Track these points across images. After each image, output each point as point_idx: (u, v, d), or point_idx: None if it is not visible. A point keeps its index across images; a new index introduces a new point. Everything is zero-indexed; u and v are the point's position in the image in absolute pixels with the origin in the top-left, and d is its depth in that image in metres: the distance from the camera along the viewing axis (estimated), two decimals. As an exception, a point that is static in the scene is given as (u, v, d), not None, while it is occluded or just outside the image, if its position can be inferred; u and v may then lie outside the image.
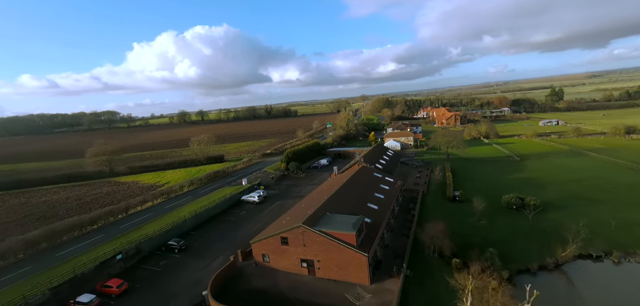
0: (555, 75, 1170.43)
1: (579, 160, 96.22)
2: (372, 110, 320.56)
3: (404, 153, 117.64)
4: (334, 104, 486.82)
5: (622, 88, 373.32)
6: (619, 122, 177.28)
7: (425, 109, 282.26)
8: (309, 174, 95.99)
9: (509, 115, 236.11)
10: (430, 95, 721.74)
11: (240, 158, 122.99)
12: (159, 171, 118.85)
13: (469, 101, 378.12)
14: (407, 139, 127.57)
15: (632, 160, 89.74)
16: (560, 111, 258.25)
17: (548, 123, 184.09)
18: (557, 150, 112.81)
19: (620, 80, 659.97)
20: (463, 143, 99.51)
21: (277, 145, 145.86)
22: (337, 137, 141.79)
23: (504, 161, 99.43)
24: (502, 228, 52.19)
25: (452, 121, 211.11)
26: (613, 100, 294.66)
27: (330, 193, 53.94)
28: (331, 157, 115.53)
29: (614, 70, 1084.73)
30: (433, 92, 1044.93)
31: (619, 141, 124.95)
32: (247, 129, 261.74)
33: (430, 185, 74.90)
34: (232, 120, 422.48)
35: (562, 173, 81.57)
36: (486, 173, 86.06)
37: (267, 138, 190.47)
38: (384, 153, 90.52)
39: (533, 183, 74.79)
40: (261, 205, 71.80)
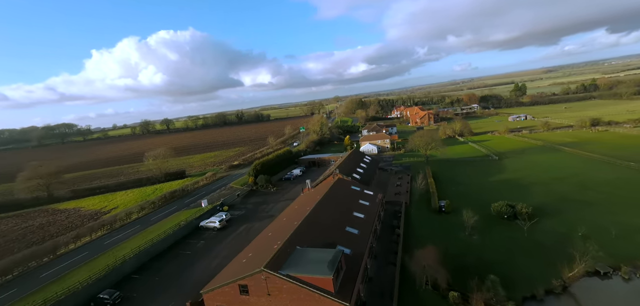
0: (515, 71, 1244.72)
1: (554, 156, 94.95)
2: (346, 112, 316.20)
3: (381, 157, 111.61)
4: (308, 106, 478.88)
5: (577, 82, 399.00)
6: (582, 114, 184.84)
7: (399, 109, 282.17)
8: (281, 187, 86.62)
9: (480, 112, 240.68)
10: (401, 94, 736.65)
11: (205, 173, 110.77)
12: (109, 193, 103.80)
13: (439, 99, 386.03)
14: (383, 142, 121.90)
15: (605, 153, 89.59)
16: (525, 105, 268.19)
17: (517, 119, 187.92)
18: (532, 146, 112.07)
19: (573, 74, 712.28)
20: (441, 143, 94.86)
21: (247, 155, 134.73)
22: (311, 143, 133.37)
23: (483, 161, 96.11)
24: (497, 244, 46.21)
25: (426, 120, 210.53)
26: (571, 93, 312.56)
27: (302, 217, 45.25)
28: (305, 165, 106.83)
29: (566, 65, 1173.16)
30: (404, 91, 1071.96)
31: (587, 134, 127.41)
32: (215, 137, 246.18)
33: (413, 193, 68.54)
34: (200, 128, 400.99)
35: (543, 172, 78.76)
36: (468, 176, 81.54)
37: (236, 146, 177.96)
38: (361, 160, 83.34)
39: (517, 185, 70.88)
40: (223, 231, 61.50)
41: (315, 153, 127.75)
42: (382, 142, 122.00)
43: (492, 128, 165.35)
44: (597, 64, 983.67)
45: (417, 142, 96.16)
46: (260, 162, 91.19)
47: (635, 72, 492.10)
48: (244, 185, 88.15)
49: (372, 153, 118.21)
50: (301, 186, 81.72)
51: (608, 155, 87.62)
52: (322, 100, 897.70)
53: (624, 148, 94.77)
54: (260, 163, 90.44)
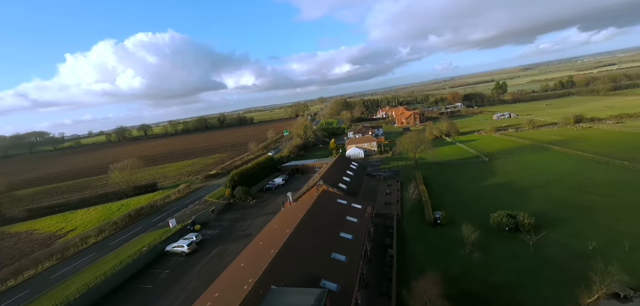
0: (494, 70, 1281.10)
1: (544, 155, 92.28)
2: (330, 113, 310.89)
3: (368, 161, 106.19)
4: (293, 108, 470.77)
5: (554, 79, 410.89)
6: (564, 111, 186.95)
7: (384, 109, 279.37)
8: (261, 199, 79.36)
9: (464, 110, 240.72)
10: (386, 94, 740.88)
11: (179, 184, 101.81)
12: (69, 211, 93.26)
13: (423, 98, 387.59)
14: (370, 145, 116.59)
15: (595, 152, 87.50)
16: (508, 103, 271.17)
17: (501, 117, 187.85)
18: (520, 146, 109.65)
19: (549, 71, 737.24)
20: (430, 145, 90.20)
21: (226, 162, 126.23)
22: (294, 148, 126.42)
23: (474, 163, 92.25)
24: (502, 263, 41.05)
25: (412, 120, 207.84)
26: (550, 90, 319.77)
27: (280, 243, 38.59)
28: (288, 173, 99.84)
29: (541, 63, 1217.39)
30: (388, 90, 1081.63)
31: (572, 131, 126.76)
32: (195, 143, 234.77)
33: (405, 203, 63.00)
34: (180, 133, 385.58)
35: (536, 174, 75.26)
36: (460, 180, 77.03)
37: (217, 153, 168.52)
38: (347, 167, 77.32)
39: (512, 190, 66.76)
40: (193, 255, 53.80)
41: (299, 158, 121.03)
42: (369, 145, 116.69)
43: (478, 127, 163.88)
44: (571, 61, 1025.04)
45: (405, 145, 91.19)
46: (238, 171, 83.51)
47: (607, 69, 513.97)
48: (220, 198, 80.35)
49: (358, 157, 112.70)
50: (283, 198, 75.02)
51: (598, 153, 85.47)
52: (307, 102, 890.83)
53: (613, 146, 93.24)
54: (238, 173, 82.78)
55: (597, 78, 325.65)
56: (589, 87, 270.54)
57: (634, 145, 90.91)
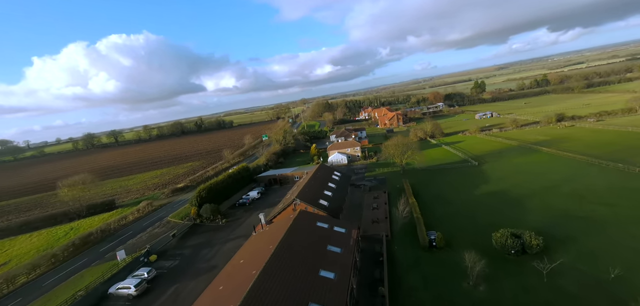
0: (471, 69, 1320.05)
1: (535, 158, 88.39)
2: (312, 115, 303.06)
3: (352, 168, 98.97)
4: (274, 110, 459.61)
5: (529, 78, 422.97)
6: (544, 109, 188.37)
7: (366, 110, 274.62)
8: (233, 217, 70.00)
9: (446, 110, 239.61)
10: (368, 94, 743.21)
11: (141, 200, 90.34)
12: (7, 238, 79.84)
13: (404, 98, 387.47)
14: (353, 150, 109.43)
15: (585, 153, 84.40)
16: (487, 102, 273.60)
17: (484, 117, 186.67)
18: (507, 147, 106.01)
19: (522, 70, 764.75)
20: (417, 151, 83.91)
21: (198, 173, 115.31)
22: (272, 155, 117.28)
23: (463, 168, 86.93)
24: (513, 299, 34.29)
25: (395, 121, 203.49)
26: (526, 88, 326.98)
27: (246, 288, 30.06)
28: (265, 184, 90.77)
29: (514, 62, 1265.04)
30: (369, 91, 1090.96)
31: (555, 130, 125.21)
32: (168, 150, 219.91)
33: (394, 221, 55.71)
34: (154, 139, 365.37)
35: (530, 180, 70.45)
36: (451, 188, 71.02)
37: (190, 161, 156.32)
38: (329, 178, 69.47)
39: (508, 199, 61.24)
40: (142, 299, 43.98)
41: (278, 166, 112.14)
42: (352, 150, 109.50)
43: (462, 127, 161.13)
44: (542, 60, 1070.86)
45: (391, 151, 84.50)
46: (206, 186, 73.58)
47: (577, 67, 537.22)
48: (184, 217, 70.30)
49: (341, 164, 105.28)
50: (257, 214, 66.31)
51: (589, 154, 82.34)
52: (289, 103, 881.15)
53: (601, 146, 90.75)
54: (206, 188, 72.91)
55: (570, 77, 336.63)
56: (564, 85, 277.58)
57: (621, 145, 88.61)
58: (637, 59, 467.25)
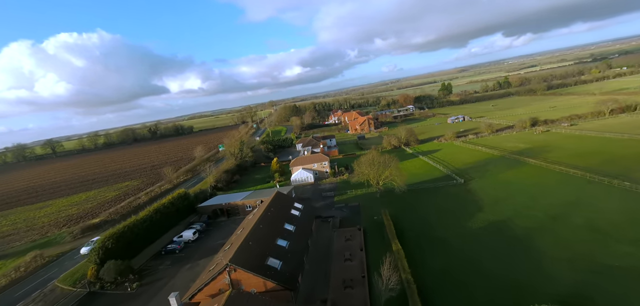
0: (435, 71, 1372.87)
1: (524, 172, 77.96)
2: (279, 120, 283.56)
3: (319, 188, 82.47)
4: (240, 114, 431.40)
5: (491, 79, 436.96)
6: (512, 112, 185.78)
7: (336, 114, 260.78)
8: (153, 276, 49.97)
9: (417, 114, 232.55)
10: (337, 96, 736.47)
11: (34, 246, 66.40)
12: None
13: (374, 100, 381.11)
14: (321, 166, 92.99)
15: (576, 166, 75.39)
16: (456, 104, 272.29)
17: (456, 120, 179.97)
18: (489, 158, 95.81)
19: (482, 73, 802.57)
20: (397, 170, 68.98)
21: (124, 201, 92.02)
22: (225, 173, 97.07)
23: (449, 187, 74.00)
24: None
25: (366, 126, 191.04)
26: (490, 90, 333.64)
27: None
28: (208, 216, 71.02)
29: (474, 65, 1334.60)
30: (339, 92, 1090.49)
31: (533, 136, 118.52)
32: (107, 164, 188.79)
33: (373, 285, 39.44)
34: (100, 148, 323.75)
35: (530, 204, 58.68)
36: (443, 220, 57.13)
37: (127, 179, 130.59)
38: (287, 215, 52.23)
39: (513, 237, 48.31)
40: None
41: (231, 188, 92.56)
42: (320, 165, 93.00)
43: (436, 132, 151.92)
44: (498, 63, 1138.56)
45: (365, 170, 68.97)
46: (116, 232, 52.56)
47: (531, 70, 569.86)
48: (80, 281, 49.09)
49: (307, 183, 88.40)
50: (189, 268, 47.81)
51: (581, 167, 73.22)
52: (257, 105, 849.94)
53: (588, 156, 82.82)
54: (115, 235, 51.99)
55: (530, 79, 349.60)
56: (526, 87, 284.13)
57: (608, 155, 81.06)
58: (584, 62, 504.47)
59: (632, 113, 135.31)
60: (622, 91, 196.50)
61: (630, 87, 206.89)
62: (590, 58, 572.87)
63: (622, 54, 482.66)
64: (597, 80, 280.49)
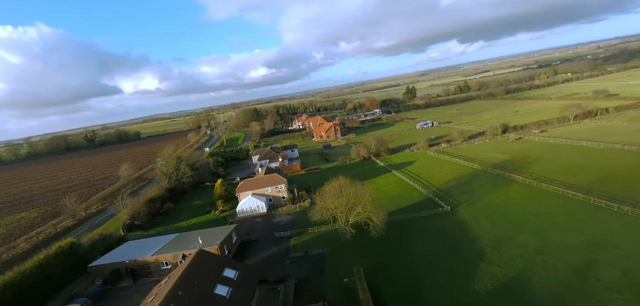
0: (397, 75, 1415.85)
1: (514, 194, 66.61)
2: (238, 125, 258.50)
3: (272, 223, 63.76)
4: (197, 117, 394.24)
5: (451, 83, 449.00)
6: (479, 117, 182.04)
7: (300, 118, 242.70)
8: None
9: (385, 118, 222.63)
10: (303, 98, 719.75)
11: None
12: None
13: (341, 104, 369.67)
14: (276, 189, 74.11)
15: (569, 184, 65.78)
16: (421, 108, 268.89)
17: (425, 126, 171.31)
18: (470, 173, 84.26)
19: (440, 77, 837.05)
20: (373, 204, 52.01)
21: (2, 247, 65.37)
22: (147, 204, 73.51)
23: (433, 218, 59.63)
24: None
25: (332, 133, 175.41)
26: (451, 94, 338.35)
27: None
28: (103, 281, 48.41)
29: (433, 70, 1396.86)
30: (305, 94, 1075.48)
31: (508, 145, 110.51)
32: (15, 185, 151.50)
33: None
34: (23, 160, 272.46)
35: (542, 247, 45.75)
36: (437, 280, 41.66)
37: (29, 208, 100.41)
38: (210, 294, 32.95)
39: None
40: None
41: (155, 226, 69.91)
42: (275, 189, 74.06)
43: (407, 140, 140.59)
44: (455, 68, 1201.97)
45: (330, 205, 51.42)
46: None
47: (485, 74, 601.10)
48: None
49: (257, 214, 69.11)
50: None
51: (578, 188, 63.50)
52: (220, 107, 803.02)
53: (576, 171, 74.15)
54: None
55: (488, 83, 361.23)
56: (487, 91, 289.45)
57: (599, 169, 72.69)
58: (531, 68, 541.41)
59: (594, 119, 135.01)
60: (574, 96, 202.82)
61: (580, 92, 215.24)
62: (536, 64, 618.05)
63: (563, 61, 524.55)
64: (548, 85, 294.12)
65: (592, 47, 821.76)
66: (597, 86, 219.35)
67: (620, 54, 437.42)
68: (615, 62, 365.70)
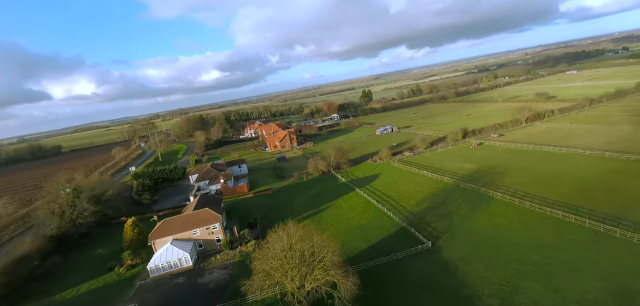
0: (352, 79, 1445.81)
1: (500, 217, 57.31)
2: (181, 134, 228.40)
3: (198, 285, 45.49)
4: (132, 127, 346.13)
5: (405, 86, 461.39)
6: (436, 120, 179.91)
7: (253, 126, 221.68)
8: None
9: (344, 124, 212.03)
10: (259, 102, 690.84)
11: None
12: None
13: (297, 108, 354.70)
14: (207, 231, 55.42)
15: (556, 202, 58.50)
16: (378, 112, 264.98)
17: (384, 132, 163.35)
18: (441, 188, 74.64)
19: (393, 81, 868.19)
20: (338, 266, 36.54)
21: None
22: (7, 270, 49.76)
23: (413, 261, 47.05)
24: None
25: (288, 142, 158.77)
26: (405, 97, 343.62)
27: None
28: None
29: (385, 74, 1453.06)
30: (262, 98, 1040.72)
31: (473, 153, 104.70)
32: None
33: None
34: None
35: (559, 301, 34.48)
36: None
37: None
38: None
39: None
40: None
41: (21, 304, 46.93)
42: (206, 231, 55.32)
43: (368, 148, 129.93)
44: (405, 72, 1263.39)
45: (274, 271, 34.96)
46: None
47: (433, 78, 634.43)
48: None
49: (178, 270, 49.95)
50: None
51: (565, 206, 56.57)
52: (166, 114, 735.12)
53: (555, 181, 68.17)
54: None
55: (438, 86, 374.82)
56: (439, 94, 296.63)
57: (576, 181, 67.21)
58: (472, 72, 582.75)
59: (543, 121, 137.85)
60: (517, 98, 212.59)
61: (522, 95, 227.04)
62: (476, 69, 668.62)
63: (499, 66, 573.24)
64: (491, 88, 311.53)
65: (520, 53, 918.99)
66: (536, 89, 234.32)
67: (545, 60, 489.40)
68: (544, 67, 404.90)
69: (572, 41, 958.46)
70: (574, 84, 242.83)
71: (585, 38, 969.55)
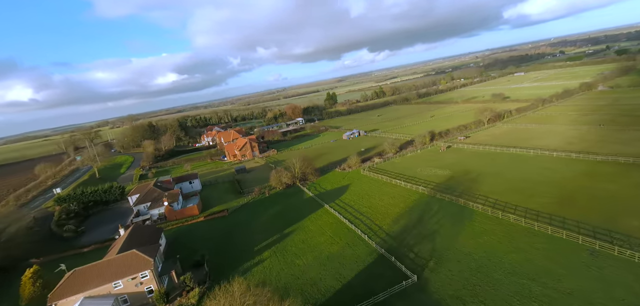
0: (316, 81, 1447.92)
1: (485, 235, 51.96)
2: (127, 144, 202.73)
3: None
4: (72, 137, 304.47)
5: (368, 89, 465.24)
6: (401, 123, 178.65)
7: (211, 133, 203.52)
8: None
9: (309, 128, 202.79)
10: (219, 107, 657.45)
11: None
12: None
13: (260, 112, 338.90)
14: (135, 282, 42.32)
15: (540, 213, 54.69)
16: (344, 115, 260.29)
17: (351, 136, 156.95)
18: (417, 201, 68.37)
19: (356, 83, 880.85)
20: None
21: None
22: None
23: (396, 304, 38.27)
24: None
25: (248, 151, 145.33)
26: (370, 99, 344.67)
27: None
28: None
29: (347, 76, 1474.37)
30: (223, 102, 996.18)
31: (442, 157, 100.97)
32: None
33: None
34: None
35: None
36: None
37: None
38: None
39: None
40: None
41: None
42: (133, 282, 42.22)
43: (336, 155, 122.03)
44: (367, 74, 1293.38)
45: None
46: None
47: (394, 80, 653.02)
48: None
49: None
50: None
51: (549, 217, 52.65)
52: (117, 120, 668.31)
53: (532, 189, 64.83)
54: None
55: (400, 88, 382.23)
56: (402, 96, 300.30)
57: (555, 188, 64.40)
58: (430, 75, 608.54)
59: (504, 121, 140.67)
60: (475, 99, 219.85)
61: (479, 96, 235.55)
62: (433, 71, 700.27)
63: (454, 69, 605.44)
64: (449, 90, 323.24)
65: (471, 56, 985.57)
66: (491, 90, 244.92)
67: (494, 62, 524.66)
68: (494, 69, 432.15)
69: (515, 45, 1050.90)
70: (523, 85, 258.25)
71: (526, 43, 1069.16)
